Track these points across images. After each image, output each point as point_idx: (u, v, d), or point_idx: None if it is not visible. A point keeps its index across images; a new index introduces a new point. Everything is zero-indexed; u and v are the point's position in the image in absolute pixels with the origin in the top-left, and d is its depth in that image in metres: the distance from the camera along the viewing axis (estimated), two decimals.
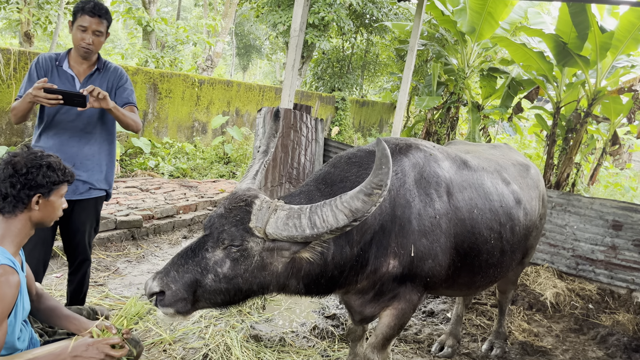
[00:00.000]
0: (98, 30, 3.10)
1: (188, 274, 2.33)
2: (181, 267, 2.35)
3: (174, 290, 2.30)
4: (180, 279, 2.32)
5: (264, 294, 2.56)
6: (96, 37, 3.11)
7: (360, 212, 2.18)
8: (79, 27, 3.06)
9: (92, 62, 3.26)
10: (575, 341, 4.89)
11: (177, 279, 2.32)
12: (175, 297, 2.31)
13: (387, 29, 17.20)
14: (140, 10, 11.62)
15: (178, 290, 2.31)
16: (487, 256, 3.19)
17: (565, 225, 6.46)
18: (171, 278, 2.32)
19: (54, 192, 2.12)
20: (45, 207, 2.10)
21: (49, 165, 2.09)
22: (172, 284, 2.31)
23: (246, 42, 31.91)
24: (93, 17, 3.05)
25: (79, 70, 3.22)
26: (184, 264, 2.36)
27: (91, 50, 3.14)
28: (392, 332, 3.00)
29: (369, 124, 19.76)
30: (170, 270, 2.35)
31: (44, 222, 2.14)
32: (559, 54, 11.03)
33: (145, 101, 9.13)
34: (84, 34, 3.07)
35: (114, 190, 6.66)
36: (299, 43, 7.44)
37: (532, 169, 3.76)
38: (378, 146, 2.20)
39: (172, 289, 2.30)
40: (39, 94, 2.83)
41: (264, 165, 2.96)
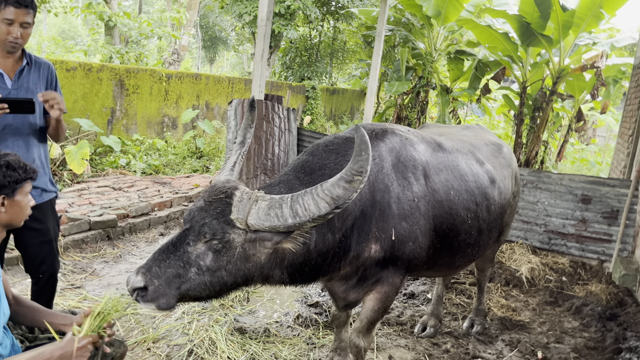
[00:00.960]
0: (25, 22, 2.82)
1: (170, 269, 2.31)
2: (163, 262, 2.32)
3: (156, 286, 2.27)
4: (163, 273, 2.30)
5: (249, 285, 2.56)
6: (24, 30, 2.84)
7: (342, 199, 2.19)
8: (4, 20, 2.77)
9: (18, 56, 2.99)
10: (552, 313, 5.04)
11: (159, 274, 2.29)
12: (158, 292, 2.28)
13: (354, 15, 17.17)
14: (101, 5, 11.32)
15: (161, 285, 2.28)
16: (465, 236, 3.25)
17: (537, 202, 6.63)
18: (154, 273, 2.29)
19: (18, 191, 2.07)
20: (11, 207, 2.05)
21: (8, 165, 2.04)
22: (155, 279, 2.28)
23: (212, 34, 31.45)
24: (19, 7, 2.76)
25: (6, 67, 2.94)
26: (166, 258, 2.33)
27: (19, 45, 2.87)
28: (376, 316, 3.04)
29: (340, 112, 19.78)
30: (152, 265, 2.32)
31: (13, 222, 2.09)
32: (523, 34, 11.21)
33: (112, 98, 8.94)
34: (11, 27, 2.79)
35: (86, 191, 6.53)
36: (267, 32, 7.38)
37: (505, 148, 3.84)
38: (357, 133, 2.21)
39: (154, 284, 2.27)
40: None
41: (241, 156, 2.94)
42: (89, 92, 8.43)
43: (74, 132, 8.08)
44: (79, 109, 8.30)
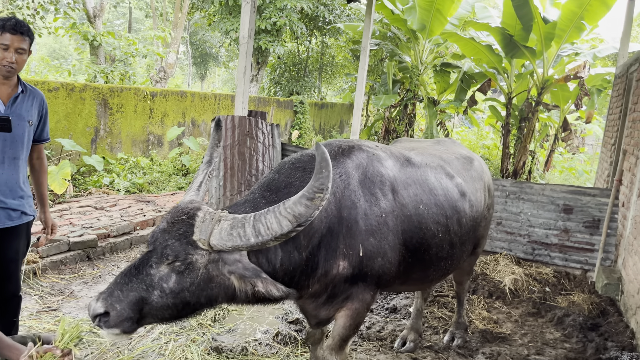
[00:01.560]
0: (21, 48, 3.00)
1: (133, 292, 2.29)
2: (125, 285, 2.31)
3: (118, 310, 2.26)
4: (125, 297, 2.28)
5: (213, 306, 2.54)
6: (19, 55, 3.01)
7: (304, 217, 2.20)
8: (1, 46, 2.94)
9: (14, 84, 3.15)
10: (534, 324, 5.03)
11: (121, 298, 2.28)
12: (121, 317, 2.26)
13: (341, 30, 17.32)
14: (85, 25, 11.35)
15: (123, 310, 2.26)
16: (437, 250, 3.25)
17: (520, 213, 6.65)
18: (115, 298, 2.27)
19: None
20: None
21: None
22: (117, 303, 2.26)
23: (202, 51, 31.61)
24: (15, 34, 2.94)
25: (1, 93, 3.09)
26: (128, 282, 2.32)
27: (14, 69, 3.02)
28: (348, 333, 3.02)
29: (329, 126, 19.85)
30: (114, 290, 2.30)
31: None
32: (507, 46, 11.34)
33: (95, 117, 8.93)
34: (6, 53, 2.95)
35: (67, 211, 6.50)
36: (249, 50, 7.43)
37: (476, 161, 3.86)
38: (317, 150, 2.23)
39: (116, 309, 2.25)
40: None
41: (208, 175, 2.94)
42: (71, 112, 8.43)
43: (56, 152, 8.06)
44: (62, 129, 8.30)
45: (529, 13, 10.27)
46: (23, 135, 3.16)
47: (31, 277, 4.88)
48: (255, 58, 15.46)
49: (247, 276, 2.27)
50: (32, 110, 3.22)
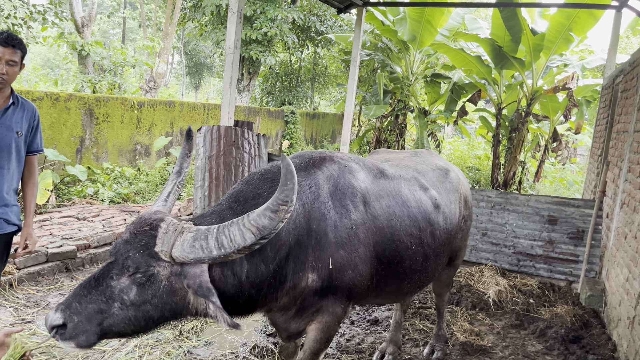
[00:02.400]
0: (12, 60, 3.06)
1: (92, 304, 2.25)
2: (84, 297, 2.26)
3: (76, 323, 2.20)
4: (84, 310, 2.23)
5: (178, 319, 2.49)
6: (10, 67, 3.07)
7: (267, 230, 2.16)
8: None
9: (6, 96, 3.20)
10: (516, 337, 4.99)
11: (79, 310, 2.23)
12: (78, 329, 2.21)
13: (333, 41, 17.38)
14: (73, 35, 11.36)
15: (80, 322, 2.21)
16: (411, 262, 3.22)
17: (505, 224, 6.63)
18: (73, 310, 2.23)
19: None
20: None
21: None
22: (75, 315, 2.21)
23: (196, 61, 31.68)
24: (6, 47, 3.02)
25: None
26: (87, 293, 2.27)
27: (5, 81, 3.08)
28: (319, 346, 2.98)
29: (321, 136, 19.86)
30: (72, 301, 2.26)
31: None
32: (496, 57, 11.40)
33: (81, 127, 8.89)
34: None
35: (48, 222, 6.44)
36: (235, 60, 7.42)
37: (452, 172, 3.83)
38: (282, 162, 2.20)
39: (74, 320, 2.20)
40: None
41: (177, 185, 2.91)
42: (56, 121, 8.39)
43: (39, 162, 8.01)
44: (46, 138, 8.25)
45: (518, 24, 10.34)
46: (10, 145, 3.20)
47: (7, 288, 4.81)
48: (246, 68, 15.49)
49: (199, 294, 2.23)
50: (22, 122, 3.27)
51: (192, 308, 2.30)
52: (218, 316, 2.23)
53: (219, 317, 2.23)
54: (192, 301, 2.28)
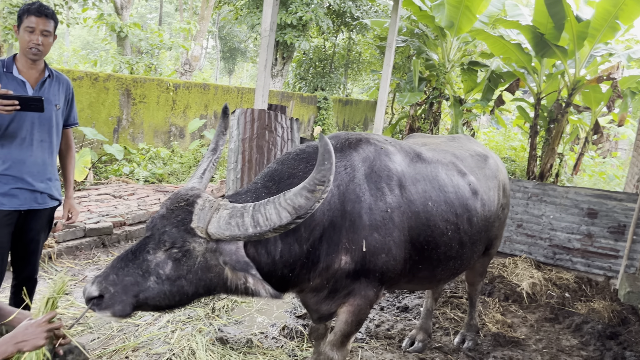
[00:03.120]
0: (46, 30, 3.05)
1: (128, 277, 2.27)
2: (121, 270, 2.29)
3: (112, 294, 2.23)
4: (120, 282, 2.26)
5: (211, 295, 2.50)
6: (45, 38, 3.06)
7: (304, 209, 2.14)
8: (27, 29, 3.01)
9: (41, 69, 3.22)
10: (550, 330, 4.87)
11: (116, 282, 2.26)
12: (114, 300, 2.24)
13: (368, 26, 17.18)
14: (112, 17, 11.55)
15: (117, 293, 2.24)
16: (446, 249, 3.15)
17: (541, 216, 6.46)
18: (110, 281, 2.26)
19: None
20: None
21: None
22: (111, 286, 2.24)
23: (231, 45, 31.83)
24: (40, 17, 3.01)
25: (30, 77, 3.16)
26: (124, 266, 2.30)
27: (41, 52, 3.08)
28: (349, 329, 2.96)
29: (353, 123, 19.73)
30: (109, 273, 2.28)
31: None
32: (537, 45, 11.05)
33: (118, 107, 9.05)
34: (32, 35, 3.02)
35: (85, 198, 6.60)
36: (270, 43, 7.39)
37: (491, 158, 3.73)
38: (320, 141, 2.17)
39: (110, 291, 2.23)
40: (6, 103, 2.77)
41: (212, 163, 2.91)
42: (95, 101, 8.56)
43: (78, 140, 8.20)
44: (85, 117, 8.43)
45: (562, 11, 9.97)
46: (51, 118, 3.24)
47: (46, 261, 4.96)
48: (280, 53, 15.46)
49: (237, 269, 2.23)
50: (59, 95, 3.30)
51: (230, 284, 2.29)
52: (259, 288, 2.22)
53: (260, 289, 2.22)
54: (231, 277, 2.27)
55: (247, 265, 2.24)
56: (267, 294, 2.21)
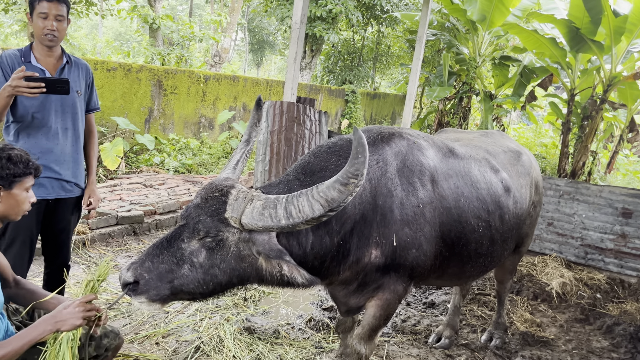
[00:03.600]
0: (59, 15, 2.98)
1: (163, 264, 2.31)
2: (156, 257, 2.33)
3: (147, 280, 2.28)
4: (155, 269, 2.30)
5: (244, 285, 2.53)
6: (59, 23, 3.00)
7: (336, 202, 2.15)
8: (40, 15, 2.95)
9: (58, 55, 3.17)
10: (580, 331, 4.78)
11: (151, 269, 2.30)
12: (149, 286, 2.28)
13: (398, 20, 17.01)
14: (145, 8, 11.72)
15: (152, 279, 2.28)
16: (476, 245, 3.13)
17: (573, 214, 6.33)
18: (145, 268, 2.30)
19: (16, 185, 2.12)
20: (7, 199, 2.11)
21: (9, 158, 2.09)
22: (146, 273, 2.29)
23: (259, 38, 31.95)
24: (51, 1, 2.94)
25: (48, 64, 3.12)
26: (159, 254, 2.34)
27: (57, 37, 3.03)
28: (377, 323, 2.97)
29: (380, 117, 19.62)
30: (145, 260, 2.33)
31: (8, 215, 2.14)
32: (572, 39, 10.77)
33: (150, 98, 9.20)
34: (46, 21, 2.96)
35: (118, 187, 6.74)
36: (301, 35, 7.40)
37: (524, 155, 3.67)
38: (355, 135, 2.17)
39: (145, 278, 2.28)
40: (20, 84, 2.73)
41: (245, 154, 2.94)
42: (127, 91, 8.72)
43: (111, 129, 8.38)
44: (118, 107, 8.60)
45: (598, 5, 9.70)
46: (75, 105, 3.21)
47: (80, 247, 5.09)
48: (309, 46, 15.45)
49: (272, 257, 2.25)
50: (80, 81, 3.27)
51: (265, 274, 2.31)
52: (294, 274, 2.24)
53: (295, 275, 2.25)
54: (265, 266, 2.29)
55: (281, 253, 2.26)
56: (303, 279, 2.23)
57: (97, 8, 10.52)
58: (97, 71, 8.12)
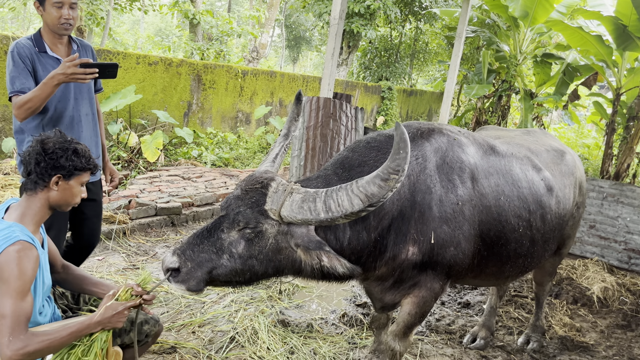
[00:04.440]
0: (73, 3, 2.97)
1: (204, 253, 2.36)
2: (197, 246, 2.38)
3: (189, 268, 2.33)
4: (196, 257, 2.35)
5: (280, 276, 2.57)
6: (73, 11, 2.98)
7: (376, 197, 2.14)
8: (55, 4, 2.91)
9: (66, 41, 3.15)
10: (622, 337, 4.63)
11: (192, 257, 2.35)
12: (190, 274, 2.33)
13: (437, 16, 16.78)
14: (187, 4, 11.95)
15: (193, 268, 2.34)
16: (516, 245, 3.07)
17: (617, 217, 6.13)
18: (187, 256, 2.36)
19: (75, 177, 2.20)
20: (63, 189, 2.19)
21: (75, 150, 2.18)
22: (188, 261, 2.34)
23: (296, 34, 32.06)
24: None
25: (60, 52, 3.10)
26: (200, 243, 2.39)
27: (72, 25, 3.00)
28: (413, 320, 2.94)
29: (417, 114, 19.42)
30: (186, 248, 2.39)
31: (60, 205, 2.22)
32: (619, 37, 10.41)
33: (189, 92, 9.37)
34: (62, 10, 2.93)
35: (157, 179, 6.89)
36: (339, 31, 7.38)
37: (568, 154, 3.57)
38: (397, 130, 2.15)
39: (187, 266, 2.34)
40: (77, 71, 2.75)
41: (284, 148, 2.96)
42: (168, 85, 8.90)
43: (151, 122, 8.57)
44: (158, 101, 8.78)
45: None
46: (90, 90, 3.27)
47: (121, 236, 5.24)
48: (346, 42, 15.41)
49: (311, 248, 2.26)
50: None
51: (304, 266, 2.34)
52: (335, 264, 2.26)
53: (336, 265, 2.26)
54: (304, 259, 2.31)
55: (320, 244, 2.28)
56: (344, 269, 2.24)
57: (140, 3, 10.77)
58: (139, 65, 8.31)
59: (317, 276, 2.59)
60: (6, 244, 1.98)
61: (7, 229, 2.04)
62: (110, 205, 5.45)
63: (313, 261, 2.29)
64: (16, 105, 2.87)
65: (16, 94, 2.89)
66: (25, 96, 2.84)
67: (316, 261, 2.28)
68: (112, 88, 7.91)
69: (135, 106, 8.31)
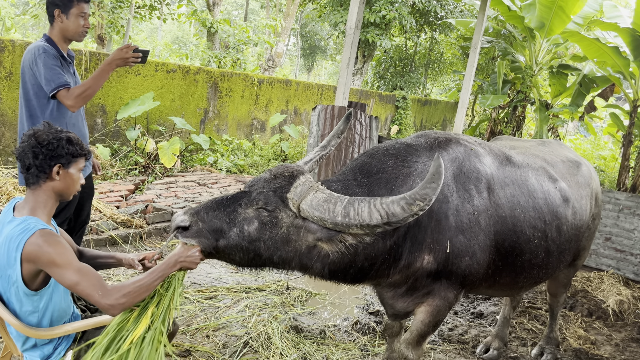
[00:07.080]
0: (88, 13, 3.39)
1: (216, 220, 2.36)
2: (212, 211, 2.38)
3: (199, 228, 2.33)
4: (208, 220, 2.35)
5: (285, 268, 2.53)
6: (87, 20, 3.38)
7: (396, 218, 2.16)
8: (81, 15, 3.29)
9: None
10: (637, 351, 4.58)
11: (205, 219, 2.35)
12: (197, 234, 2.33)
13: (452, 26, 16.81)
14: (204, 13, 12.12)
15: (202, 230, 2.33)
16: (531, 256, 3.07)
17: (633, 230, 6.08)
18: (200, 217, 2.36)
19: (73, 164, 2.27)
20: (65, 178, 2.25)
21: (68, 139, 2.25)
22: (200, 222, 2.34)
23: (311, 43, 32.26)
24: (87, 2, 3.34)
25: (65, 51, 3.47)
26: (215, 209, 2.39)
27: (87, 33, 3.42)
28: (426, 329, 2.95)
29: (431, 124, 19.41)
30: (201, 210, 2.39)
31: (64, 193, 2.28)
32: (636, 48, 10.36)
33: (206, 99, 9.49)
34: (85, 20, 3.32)
35: (173, 184, 6.98)
36: (354, 41, 7.45)
37: (584, 166, 3.57)
38: (435, 162, 2.19)
39: (198, 226, 2.34)
40: (135, 55, 3.23)
41: (319, 157, 3.00)
42: (185, 92, 9.02)
43: (168, 129, 8.68)
44: (176, 108, 8.91)
45: None
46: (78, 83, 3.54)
47: (137, 240, 5.32)
48: (361, 51, 15.49)
49: (333, 235, 2.30)
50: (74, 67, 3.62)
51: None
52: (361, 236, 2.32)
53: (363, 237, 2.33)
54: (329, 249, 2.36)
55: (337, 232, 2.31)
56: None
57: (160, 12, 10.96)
58: (157, 72, 8.44)
59: (325, 276, 2.61)
60: (27, 236, 2.05)
61: (23, 223, 2.10)
62: (128, 210, 5.54)
63: (338, 245, 2.32)
64: (72, 95, 3.18)
65: (64, 87, 3.18)
66: (83, 85, 3.21)
67: (340, 245, 2.32)
68: (131, 94, 8.04)
69: (153, 113, 8.43)
